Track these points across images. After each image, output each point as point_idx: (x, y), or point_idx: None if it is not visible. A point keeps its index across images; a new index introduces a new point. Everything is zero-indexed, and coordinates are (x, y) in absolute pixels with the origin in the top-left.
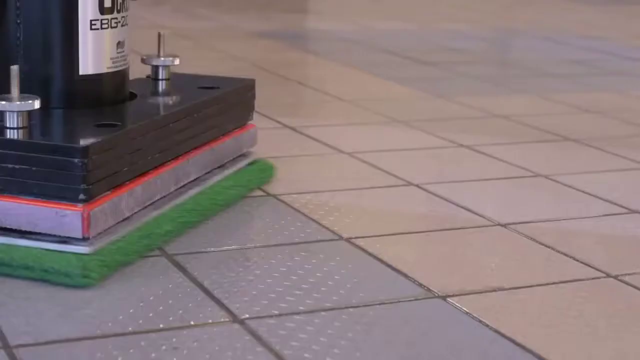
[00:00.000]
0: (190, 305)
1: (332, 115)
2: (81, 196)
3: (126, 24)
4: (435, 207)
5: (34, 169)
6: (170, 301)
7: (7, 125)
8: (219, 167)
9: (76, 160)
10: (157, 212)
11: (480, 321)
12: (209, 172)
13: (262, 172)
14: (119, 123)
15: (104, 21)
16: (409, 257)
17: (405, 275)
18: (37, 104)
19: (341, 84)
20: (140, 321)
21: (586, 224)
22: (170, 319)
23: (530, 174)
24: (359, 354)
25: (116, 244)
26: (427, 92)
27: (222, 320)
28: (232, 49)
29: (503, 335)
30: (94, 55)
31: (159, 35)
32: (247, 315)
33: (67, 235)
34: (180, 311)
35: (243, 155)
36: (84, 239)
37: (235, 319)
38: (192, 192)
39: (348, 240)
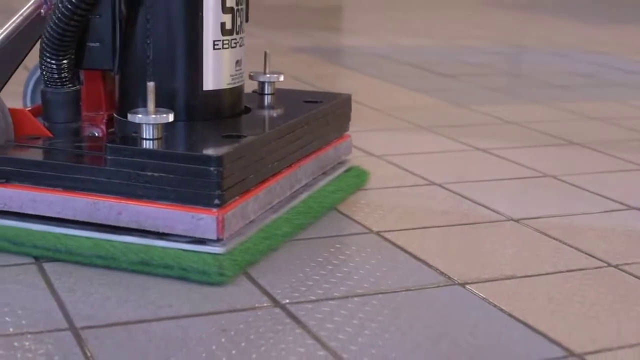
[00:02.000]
0: (236, 291)
1: (363, 122)
2: (216, 201)
3: (243, 45)
4: (455, 204)
5: (171, 176)
6: (218, 289)
7: (144, 137)
8: (322, 174)
9: (212, 168)
10: (276, 215)
11: (495, 306)
12: (315, 178)
13: (358, 177)
14: (244, 134)
15: (225, 42)
16: (431, 249)
17: (429, 265)
18: (171, 117)
19: (371, 94)
20: (192, 306)
21: (590, 219)
22: (219, 304)
23: (539, 175)
24: (387, 335)
25: (244, 244)
26: (447, 102)
27: (265, 305)
28: (274, 62)
29: (515, 318)
30: (216, 72)
31: (265, 54)
32: (288, 301)
33: (202, 237)
34: (228, 297)
35: (341, 163)
36: (218, 240)
37: (277, 303)
38: (303, 196)
39: (377, 233)
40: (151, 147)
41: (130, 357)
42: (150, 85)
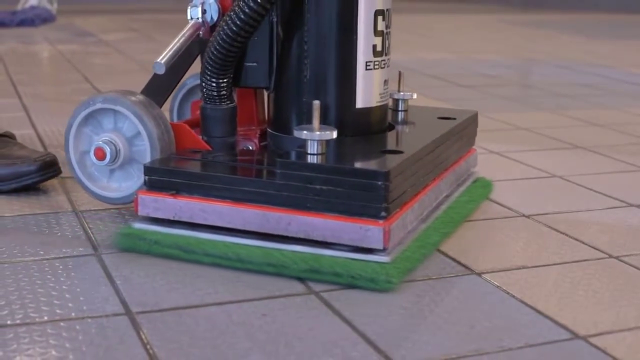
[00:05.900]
0: (275, 280)
1: None
2: (382, 214)
3: (389, 65)
4: None
5: (339, 189)
6: (260, 278)
7: (309, 152)
8: (456, 185)
9: (380, 182)
10: (425, 225)
11: (508, 293)
12: (451, 190)
13: (485, 187)
14: (401, 150)
15: (375, 63)
16: (451, 241)
17: (448, 256)
18: (334, 134)
19: None
20: (236, 293)
21: (593, 215)
22: (260, 291)
23: (547, 175)
24: (412, 319)
25: (404, 253)
26: (465, 109)
27: (301, 292)
28: None
29: (526, 304)
30: (367, 91)
31: (400, 73)
32: (321, 289)
33: (368, 246)
34: (267, 285)
35: (469, 175)
36: (384, 250)
37: (311, 291)
38: (444, 207)
39: None
40: (319, 161)
41: (180, 338)
42: (316, 103)
